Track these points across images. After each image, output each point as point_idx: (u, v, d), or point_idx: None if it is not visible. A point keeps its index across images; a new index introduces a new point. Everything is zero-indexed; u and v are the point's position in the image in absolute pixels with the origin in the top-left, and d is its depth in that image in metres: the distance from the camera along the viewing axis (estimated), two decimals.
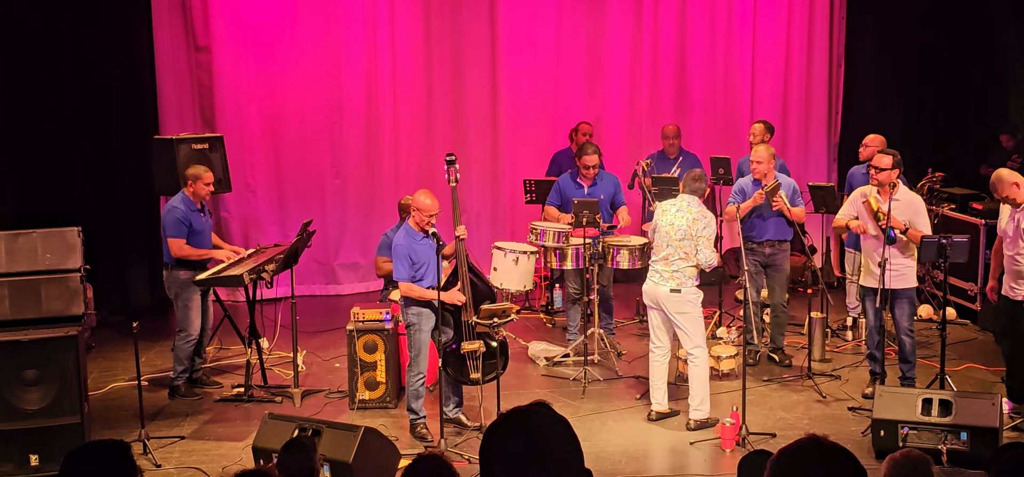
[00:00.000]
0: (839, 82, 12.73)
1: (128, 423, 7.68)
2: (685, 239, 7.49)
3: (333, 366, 9.18)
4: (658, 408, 7.79)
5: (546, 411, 2.70)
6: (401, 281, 7.32)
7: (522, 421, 2.63)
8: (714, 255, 7.57)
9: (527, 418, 2.64)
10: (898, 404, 6.98)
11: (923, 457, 4.32)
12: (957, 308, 10.21)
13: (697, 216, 7.52)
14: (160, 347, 9.56)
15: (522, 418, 2.64)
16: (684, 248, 7.49)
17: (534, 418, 2.63)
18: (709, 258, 7.51)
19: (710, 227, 7.55)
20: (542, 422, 2.63)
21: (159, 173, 9.40)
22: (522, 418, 2.64)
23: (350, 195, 11.84)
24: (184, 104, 11.24)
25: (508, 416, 2.65)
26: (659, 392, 7.80)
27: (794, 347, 9.25)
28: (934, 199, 10.37)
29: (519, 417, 2.64)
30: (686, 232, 7.49)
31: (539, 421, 2.63)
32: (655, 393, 7.81)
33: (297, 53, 11.50)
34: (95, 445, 3.68)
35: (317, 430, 6.39)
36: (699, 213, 7.55)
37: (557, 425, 2.63)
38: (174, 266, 8.25)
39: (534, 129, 12.09)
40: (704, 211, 7.61)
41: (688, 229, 7.49)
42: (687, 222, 7.51)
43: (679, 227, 7.52)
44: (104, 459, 3.43)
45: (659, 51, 12.38)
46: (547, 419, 2.64)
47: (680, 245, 7.51)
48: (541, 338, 9.72)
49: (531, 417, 2.64)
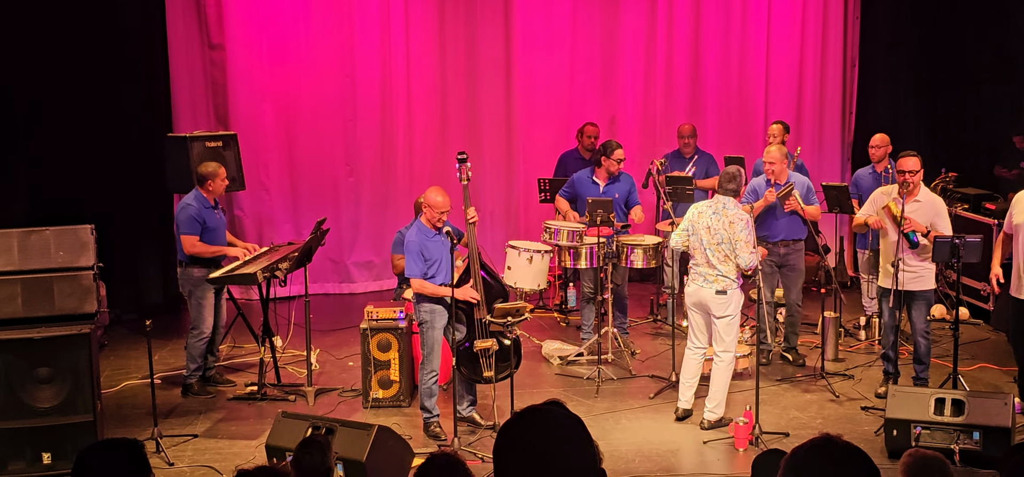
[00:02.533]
0: (853, 82, 12.70)
1: (141, 421, 7.70)
2: (723, 243, 7.46)
3: (346, 365, 9.19)
4: (685, 406, 7.78)
5: (560, 410, 2.68)
6: (413, 278, 7.32)
7: (536, 420, 2.61)
8: (754, 257, 7.47)
9: (541, 417, 2.62)
10: (911, 404, 6.96)
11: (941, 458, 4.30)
12: (970, 308, 10.18)
13: (733, 219, 7.48)
14: (173, 345, 9.59)
15: (536, 417, 2.62)
16: (723, 251, 7.47)
17: (548, 417, 2.61)
18: (748, 261, 7.44)
19: (748, 229, 7.50)
20: (556, 421, 2.60)
21: (172, 171, 9.40)
22: (536, 417, 2.62)
23: (364, 193, 11.85)
24: (198, 101, 11.25)
25: (522, 415, 2.63)
26: (689, 390, 7.79)
27: (808, 346, 9.22)
28: (948, 199, 10.32)
29: (533, 416, 2.62)
30: (723, 235, 7.46)
31: (553, 420, 2.60)
32: (685, 390, 7.79)
33: (311, 51, 11.51)
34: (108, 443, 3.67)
35: (330, 428, 6.39)
36: (735, 215, 7.50)
37: (571, 424, 2.61)
38: (188, 264, 8.27)
39: (548, 128, 12.09)
40: (740, 213, 7.55)
41: (725, 232, 7.46)
42: (723, 225, 7.48)
43: (716, 230, 7.49)
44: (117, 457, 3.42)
45: (674, 50, 12.36)
46: (561, 418, 2.62)
47: (718, 248, 7.48)
48: (555, 337, 9.72)
49: (545, 416, 2.62)
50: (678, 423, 7.72)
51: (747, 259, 7.44)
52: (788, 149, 10.08)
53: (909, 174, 7.73)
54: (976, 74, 11.90)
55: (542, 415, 2.62)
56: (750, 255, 7.45)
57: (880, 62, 12.48)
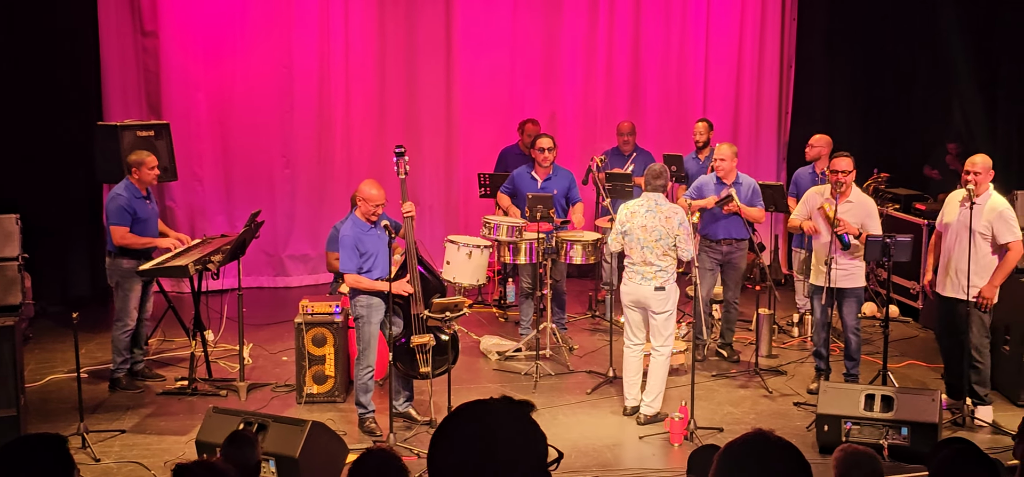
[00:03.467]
0: (789, 83, 12.86)
1: (67, 416, 7.51)
2: (662, 238, 7.48)
3: (280, 359, 9.08)
4: (633, 403, 7.80)
5: (502, 406, 2.49)
6: (348, 273, 7.25)
7: (474, 416, 2.46)
8: (692, 247, 7.59)
9: (479, 413, 2.46)
10: (842, 400, 7.07)
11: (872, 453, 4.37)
12: (900, 306, 10.36)
13: (669, 214, 7.52)
14: (101, 338, 9.38)
15: (474, 413, 2.47)
16: (662, 246, 7.49)
17: (487, 414, 2.46)
18: (691, 252, 7.53)
19: (684, 222, 7.55)
20: (495, 418, 2.45)
21: (103, 160, 9.23)
22: (474, 413, 2.47)
23: (300, 186, 11.73)
24: (129, 90, 11.02)
25: (459, 411, 2.48)
26: (635, 387, 7.80)
27: (742, 343, 9.31)
28: (879, 199, 10.49)
29: (470, 412, 2.47)
30: (661, 231, 7.48)
31: (492, 417, 2.45)
32: (630, 388, 7.81)
33: (248, 40, 11.36)
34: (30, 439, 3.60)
35: (263, 424, 6.29)
36: (669, 210, 7.55)
37: (513, 420, 2.45)
38: (117, 255, 8.11)
39: (488, 123, 12.06)
40: (673, 207, 7.62)
41: (663, 228, 7.48)
42: (660, 221, 7.50)
43: (652, 228, 7.51)
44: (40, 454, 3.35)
45: (614, 48, 12.42)
46: (501, 415, 2.46)
47: (657, 244, 7.50)
48: (493, 332, 9.70)
49: (485, 412, 2.46)
50: (615, 417, 7.74)
51: (689, 251, 7.51)
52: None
53: (842, 174, 7.83)
54: (909, 77, 12.12)
55: (481, 411, 2.47)
56: (690, 246, 7.53)
57: (816, 63, 12.66)
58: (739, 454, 2.69)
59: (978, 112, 11.00)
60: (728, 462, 2.70)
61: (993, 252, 7.48)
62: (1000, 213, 7.43)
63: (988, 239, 7.45)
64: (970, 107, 11.12)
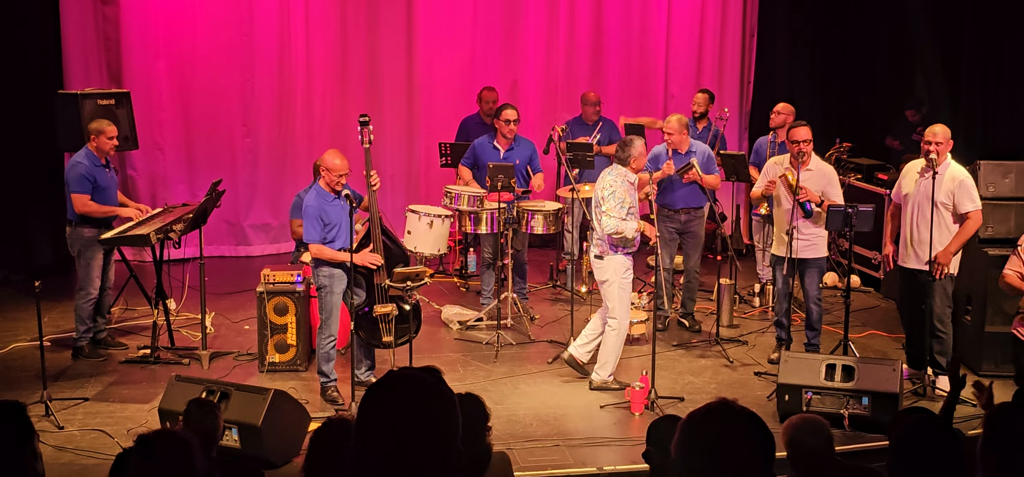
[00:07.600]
0: (752, 52, 12.90)
1: (29, 384, 7.46)
2: (597, 206, 7.51)
3: (242, 328, 9.05)
4: (570, 350, 7.84)
5: (428, 377, 2.51)
6: (312, 243, 7.23)
7: (396, 385, 2.48)
8: (620, 225, 7.37)
9: (402, 382, 2.49)
10: (802, 369, 7.13)
11: (821, 420, 4.41)
12: (861, 276, 10.47)
13: (607, 183, 7.48)
14: (64, 306, 9.30)
15: (396, 382, 2.49)
16: (598, 214, 7.52)
17: (410, 383, 2.48)
18: (607, 226, 7.38)
19: (615, 195, 7.41)
20: (416, 387, 2.47)
21: (63, 129, 9.15)
22: (396, 382, 2.49)
23: (261, 154, 11.65)
24: (90, 58, 10.89)
25: (386, 379, 2.51)
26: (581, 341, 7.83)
27: (703, 313, 9.39)
28: (841, 169, 10.57)
29: (395, 381, 2.49)
30: (598, 199, 7.51)
31: (414, 386, 2.47)
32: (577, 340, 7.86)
33: (208, 8, 11.25)
34: None
35: (225, 393, 6.29)
36: (611, 179, 7.50)
37: (432, 394, 2.47)
38: (78, 223, 8.04)
39: (450, 92, 12.03)
40: (616, 179, 7.48)
41: (599, 195, 7.51)
42: (600, 188, 7.53)
43: (595, 195, 7.54)
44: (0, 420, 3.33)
45: (575, 16, 12.40)
46: (423, 385, 2.48)
47: (596, 211, 7.53)
48: (455, 302, 9.71)
49: (407, 382, 2.49)
50: (575, 387, 7.75)
51: (607, 223, 7.39)
52: (716, 112, 10.36)
53: (803, 143, 7.88)
54: (871, 46, 12.20)
55: (404, 380, 2.50)
56: (613, 221, 7.37)
57: (779, 32, 12.70)
58: (701, 423, 2.72)
59: (941, 83, 11.09)
60: (690, 432, 2.72)
61: (954, 221, 7.51)
62: (961, 182, 7.46)
63: (950, 209, 7.48)
64: (933, 78, 11.20)
